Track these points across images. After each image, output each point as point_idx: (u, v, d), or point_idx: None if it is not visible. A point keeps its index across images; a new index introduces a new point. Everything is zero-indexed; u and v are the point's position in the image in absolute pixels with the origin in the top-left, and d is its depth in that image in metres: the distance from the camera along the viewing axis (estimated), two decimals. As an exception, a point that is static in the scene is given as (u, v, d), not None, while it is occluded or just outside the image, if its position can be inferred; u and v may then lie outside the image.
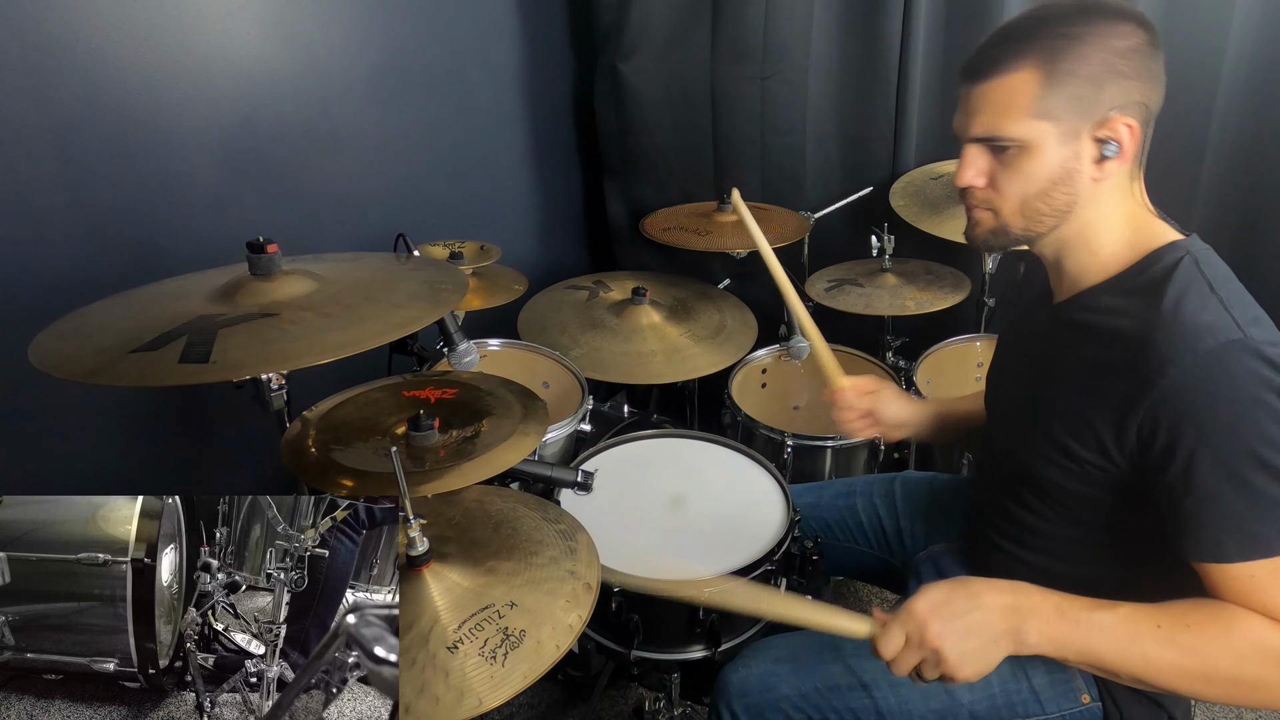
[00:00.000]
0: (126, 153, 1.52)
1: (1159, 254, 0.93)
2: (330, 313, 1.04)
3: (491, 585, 0.99)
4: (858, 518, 1.43)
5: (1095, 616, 0.87)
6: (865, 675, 1.09)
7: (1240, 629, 0.84)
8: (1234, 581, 0.85)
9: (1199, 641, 0.85)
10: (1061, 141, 0.90)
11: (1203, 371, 0.83)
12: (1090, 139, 0.90)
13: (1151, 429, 0.86)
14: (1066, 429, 0.95)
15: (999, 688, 1.07)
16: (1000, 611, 0.89)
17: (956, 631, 0.88)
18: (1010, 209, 0.96)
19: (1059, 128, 0.90)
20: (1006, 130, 0.91)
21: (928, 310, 1.99)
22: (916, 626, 0.89)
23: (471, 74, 2.23)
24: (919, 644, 0.89)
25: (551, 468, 1.27)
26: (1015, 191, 0.94)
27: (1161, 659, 0.85)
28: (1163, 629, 0.85)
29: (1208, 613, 0.86)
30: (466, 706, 0.85)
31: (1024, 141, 0.91)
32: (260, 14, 1.69)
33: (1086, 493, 0.97)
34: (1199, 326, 0.85)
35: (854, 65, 2.20)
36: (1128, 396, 0.87)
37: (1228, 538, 0.84)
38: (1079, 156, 0.91)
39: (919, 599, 0.90)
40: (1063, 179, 0.92)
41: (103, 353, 0.95)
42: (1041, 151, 0.91)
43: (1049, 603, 0.89)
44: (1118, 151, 0.90)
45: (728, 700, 1.14)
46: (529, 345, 1.92)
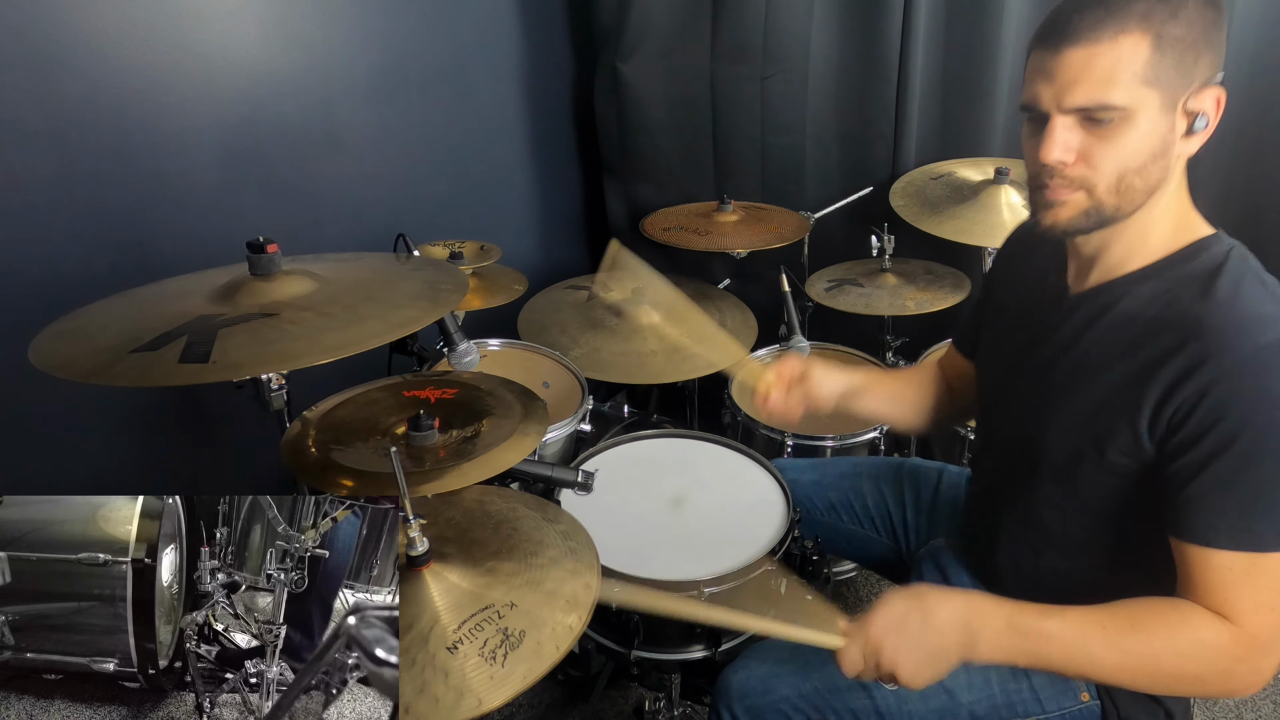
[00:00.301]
0: (126, 153, 1.52)
1: (1205, 243, 0.92)
2: (330, 313, 1.04)
3: (491, 586, 0.99)
4: (863, 500, 1.42)
5: (1044, 626, 0.91)
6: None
7: (1186, 628, 0.87)
8: (1211, 569, 0.86)
9: (1143, 642, 0.88)
10: (1163, 112, 0.85)
11: (1259, 365, 0.82)
12: (1183, 111, 0.86)
13: (1188, 411, 0.85)
14: (1098, 421, 0.93)
15: (999, 687, 1.07)
16: (952, 628, 0.93)
17: (910, 651, 0.92)
18: (1106, 186, 0.88)
19: (1162, 97, 0.85)
20: (1115, 98, 0.84)
21: (928, 310, 1.99)
22: (872, 648, 0.93)
23: (471, 74, 2.23)
24: (875, 664, 0.93)
25: (551, 468, 1.27)
26: (1113, 167, 0.87)
27: (1106, 660, 0.89)
28: (1108, 631, 0.89)
29: (1156, 614, 0.89)
30: (466, 707, 0.85)
31: (1130, 110, 0.84)
32: (260, 14, 1.69)
33: (1109, 482, 0.96)
34: (1260, 319, 0.84)
35: (854, 65, 2.20)
36: (1172, 379, 0.86)
37: (1224, 524, 0.85)
38: (1174, 129, 0.87)
39: (875, 618, 0.94)
40: (1161, 152, 0.87)
41: (103, 353, 0.95)
42: (1144, 121, 0.85)
43: (1000, 616, 0.93)
44: (1206, 124, 0.87)
45: (728, 702, 1.13)
46: (529, 345, 1.92)
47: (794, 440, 1.75)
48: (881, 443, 1.78)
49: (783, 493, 1.40)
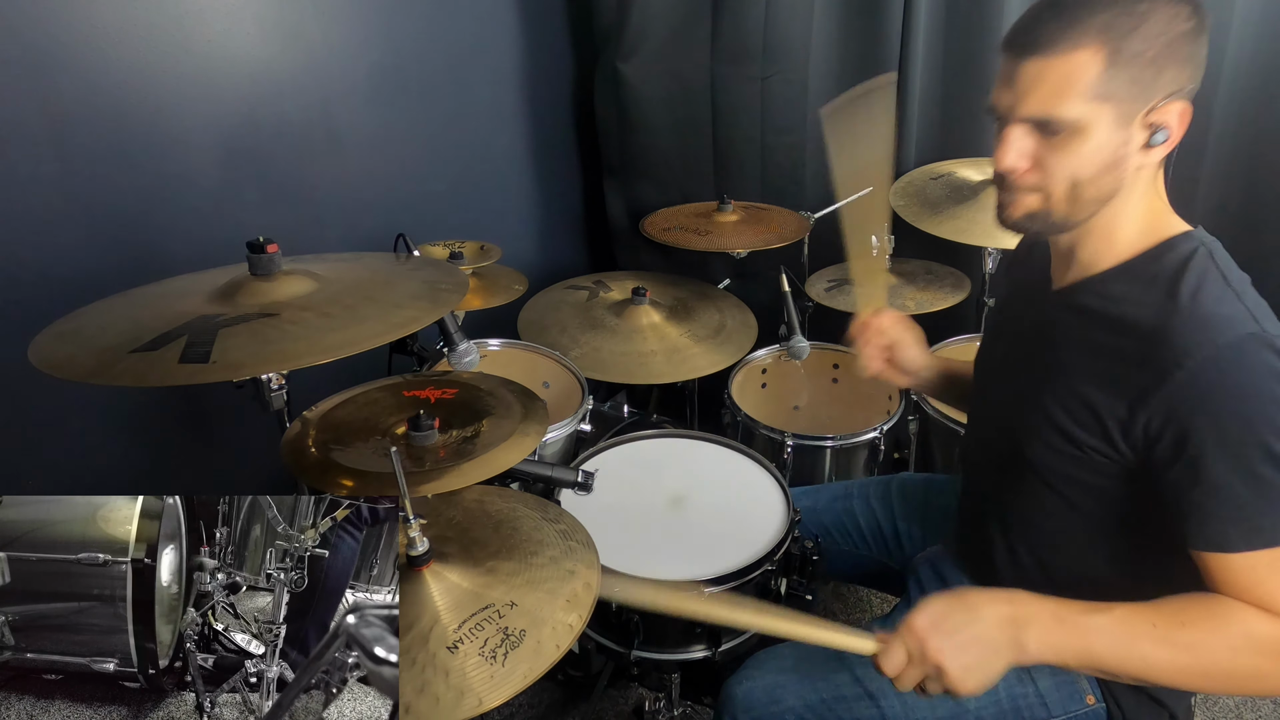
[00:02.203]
0: (126, 153, 1.52)
1: (1172, 243, 0.92)
2: (330, 313, 1.04)
3: (491, 585, 0.99)
4: (855, 520, 1.42)
5: (1092, 620, 0.87)
6: (872, 685, 1.08)
7: (1234, 622, 0.85)
8: (1235, 572, 0.85)
9: (1194, 638, 0.85)
10: (1116, 126, 0.86)
11: (1222, 364, 0.83)
12: (1142, 124, 0.87)
13: (1163, 421, 0.86)
14: (1067, 412, 0.94)
15: (1005, 693, 1.06)
16: (999, 623, 0.89)
17: (956, 646, 0.87)
18: (1058, 194, 0.91)
19: (1115, 111, 0.85)
20: (1063, 112, 0.86)
21: (928, 310, 1.99)
22: (917, 643, 0.88)
23: (471, 74, 2.23)
24: (920, 660, 0.88)
25: (551, 468, 1.27)
26: (1064, 176, 0.89)
27: (1160, 658, 0.86)
28: (1158, 628, 0.86)
29: (1202, 608, 0.87)
30: (466, 706, 0.85)
31: (1080, 124, 0.86)
32: (260, 14, 1.69)
33: (1084, 478, 0.96)
34: (1218, 319, 0.85)
35: (854, 65, 2.20)
36: (1140, 386, 0.87)
37: (1233, 528, 0.84)
38: (1129, 142, 0.87)
39: (918, 615, 0.90)
40: (1114, 164, 0.88)
41: (103, 353, 0.95)
42: (1095, 135, 0.86)
43: (1046, 610, 0.89)
44: (1166, 138, 0.87)
45: (733, 713, 1.13)
46: (529, 345, 1.92)
47: (794, 440, 1.75)
48: (881, 443, 1.78)
49: (783, 493, 1.40)
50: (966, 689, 0.87)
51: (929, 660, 0.87)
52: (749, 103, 2.29)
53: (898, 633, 0.90)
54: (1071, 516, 1.01)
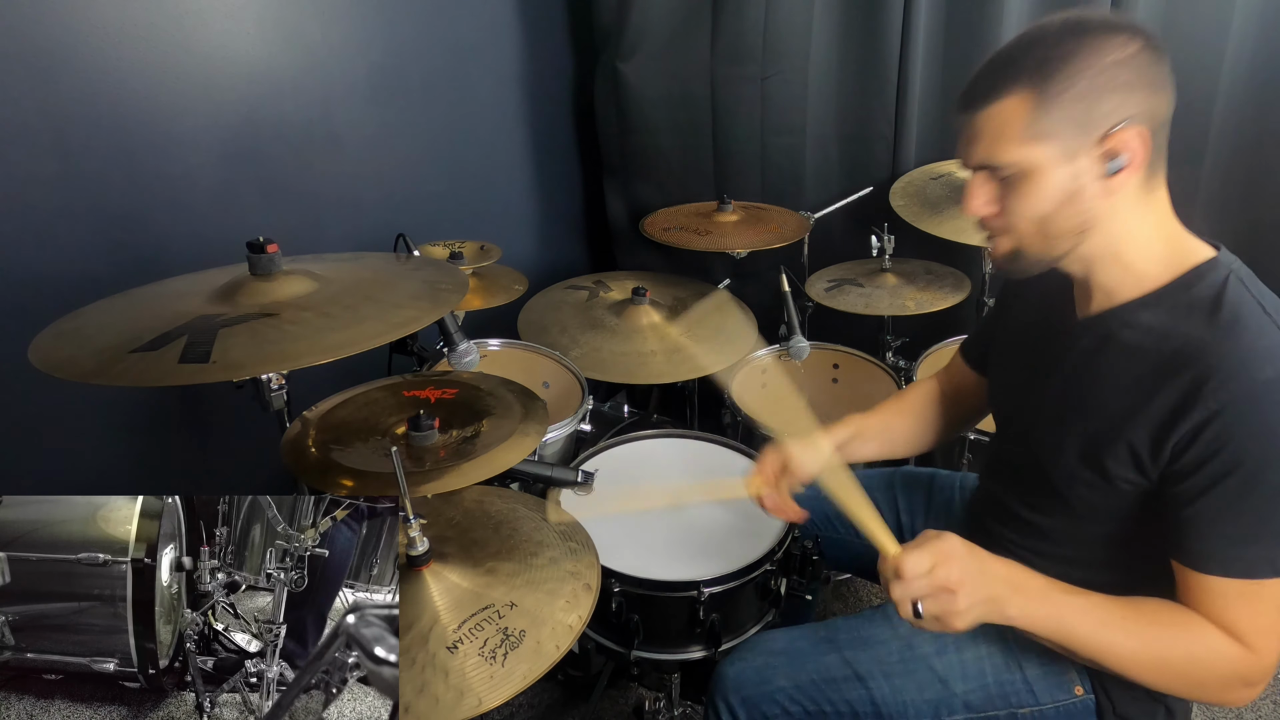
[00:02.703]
0: (126, 153, 1.52)
1: (1200, 271, 0.92)
2: (330, 313, 1.04)
3: (491, 585, 0.99)
4: None
5: (1075, 599, 0.94)
6: (861, 667, 1.10)
7: (1200, 634, 0.90)
8: (1204, 592, 0.89)
9: (1161, 637, 0.91)
10: (1062, 161, 0.89)
11: (1260, 400, 0.84)
12: (1094, 155, 0.88)
13: (1190, 441, 0.87)
14: (1101, 447, 0.95)
15: (993, 678, 1.07)
16: (1000, 579, 0.93)
17: (973, 580, 0.90)
18: (1025, 232, 0.94)
19: (1058, 148, 0.88)
20: (1002, 157, 0.90)
21: (928, 310, 1.99)
22: (944, 559, 0.90)
23: (471, 74, 2.23)
24: (939, 578, 0.89)
25: (551, 468, 1.27)
26: (1025, 215, 0.92)
27: (1124, 647, 0.91)
28: (1128, 620, 0.92)
29: (1174, 614, 0.91)
30: (466, 706, 0.85)
31: (1022, 166, 0.90)
32: (260, 14, 1.69)
33: (1112, 504, 0.98)
34: (1258, 352, 0.85)
35: (854, 65, 2.20)
36: (1174, 410, 0.87)
37: (1219, 550, 0.88)
38: (1083, 174, 0.89)
39: (949, 539, 0.92)
40: (1070, 198, 0.90)
41: (103, 353, 0.95)
42: (1043, 174, 0.89)
43: (1039, 580, 0.95)
44: (1127, 163, 0.88)
45: (724, 694, 1.14)
46: (529, 345, 1.92)
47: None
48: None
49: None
50: (959, 623, 0.90)
51: (949, 582, 0.89)
52: (749, 103, 2.29)
53: (929, 544, 0.92)
54: (1086, 535, 1.03)
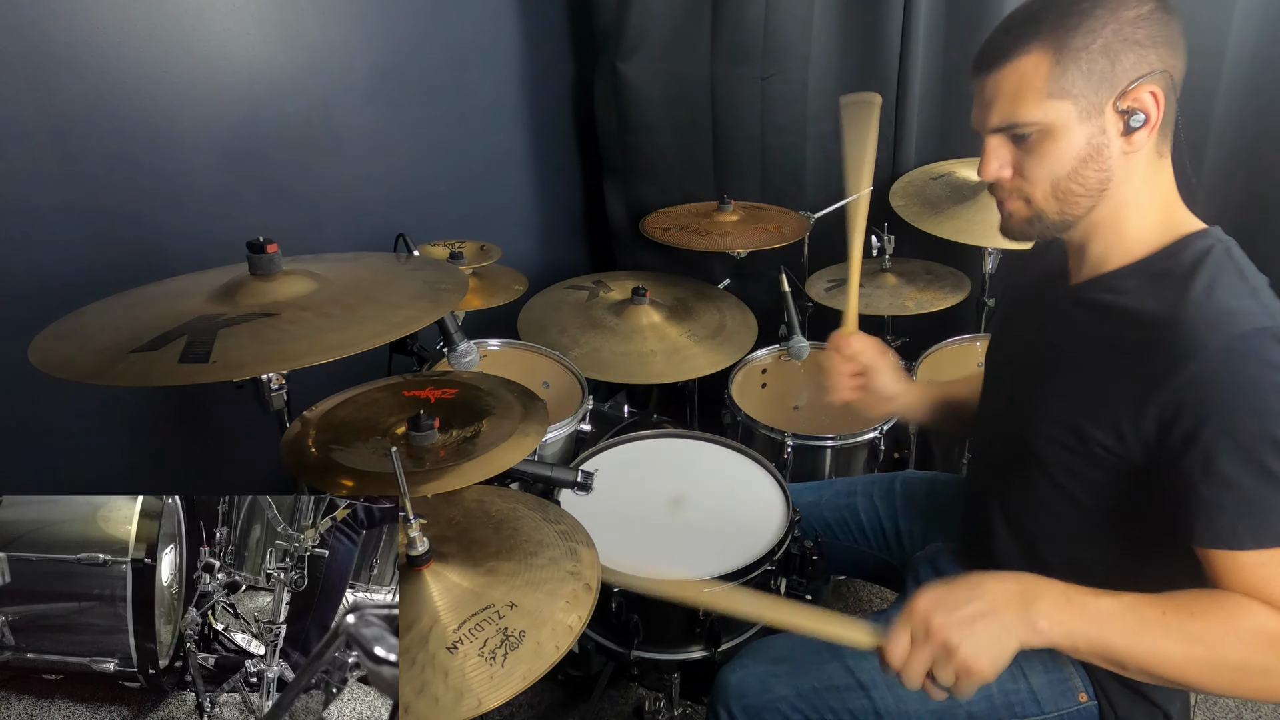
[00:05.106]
0: (126, 153, 1.52)
1: (1190, 240, 0.93)
2: (330, 313, 1.04)
3: (491, 585, 0.99)
4: (858, 517, 1.42)
5: (1101, 603, 0.85)
6: (863, 675, 1.09)
7: (1244, 616, 0.82)
8: (1243, 569, 0.84)
9: (1205, 629, 0.83)
10: (1083, 118, 0.89)
11: (1234, 356, 0.83)
12: (1114, 112, 0.89)
13: (1175, 412, 0.85)
14: (1079, 410, 0.94)
15: (997, 688, 1.06)
16: (1006, 599, 0.85)
17: (962, 620, 0.83)
18: (1043, 195, 0.94)
19: (1078, 105, 0.88)
20: (1024, 115, 0.90)
21: (928, 310, 1.99)
22: (920, 622, 0.84)
23: (471, 74, 2.23)
24: (925, 640, 0.84)
25: (551, 468, 1.27)
26: (1044, 176, 0.92)
27: (1170, 648, 0.83)
28: (1168, 616, 0.84)
29: (1211, 601, 0.85)
30: (466, 707, 0.85)
31: (1044, 124, 0.90)
32: (260, 14, 1.69)
33: (1091, 475, 0.96)
34: (1231, 311, 0.85)
35: (854, 65, 2.20)
36: (1152, 377, 0.87)
37: (1243, 524, 0.83)
38: (1105, 131, 0.90)
39: (919, 597, 0.87)
40: (1091, 155, 0.90)
41: (103, 353, 0.95)
42: (1064, 132, 0.89)
43: (1054, 587, 0.86)
44: (1144, 122, 0.89)
45: (725, 701, 1.13)
46: (529, 345, 1.92)
47: (794, 440, 1.75)
48: (881, 443, 1.78)
49: (783, 493, 1.40)
50: (979, 666, 0.82)
51: (934, 639, 0.83)
52: (749, 103, 2.29)
53: (899, 618, 0.87)
54: (1072, 511, 1.01)
